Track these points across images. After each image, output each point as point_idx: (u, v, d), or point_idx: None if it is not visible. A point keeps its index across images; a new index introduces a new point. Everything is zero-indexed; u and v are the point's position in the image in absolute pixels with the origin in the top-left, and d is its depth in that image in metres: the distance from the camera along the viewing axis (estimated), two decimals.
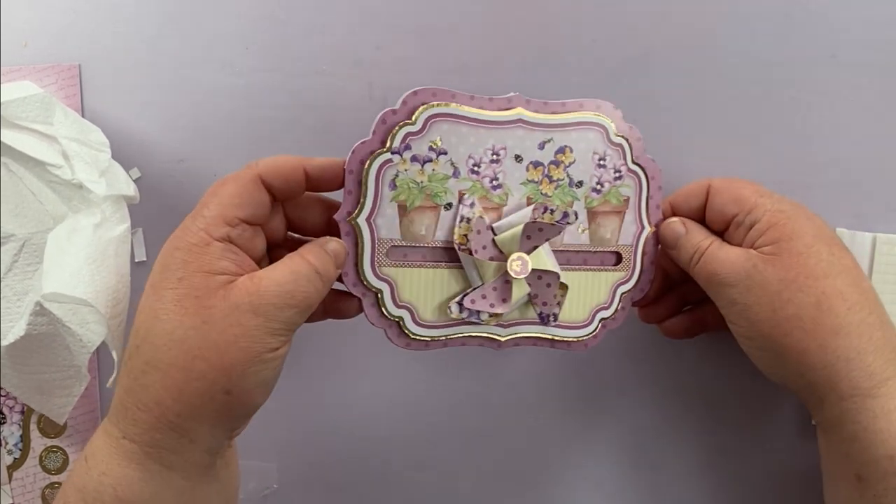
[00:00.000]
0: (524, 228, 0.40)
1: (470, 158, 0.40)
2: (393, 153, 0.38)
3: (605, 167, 0.42)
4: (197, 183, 0.50)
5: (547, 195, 0.41)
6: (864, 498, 0.39)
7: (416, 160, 0.39)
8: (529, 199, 0.41)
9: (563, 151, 0.41)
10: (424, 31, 0.49)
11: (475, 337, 0.42)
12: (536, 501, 0.53)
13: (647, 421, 0.52)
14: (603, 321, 0.44)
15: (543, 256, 0.41)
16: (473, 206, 0.40)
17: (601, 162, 0.42)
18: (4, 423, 0.51)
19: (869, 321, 0.39)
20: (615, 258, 0.44)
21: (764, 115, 0.49)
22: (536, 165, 0.41)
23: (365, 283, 0.39)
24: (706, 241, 0.42)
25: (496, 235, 0.41)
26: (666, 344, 0.50)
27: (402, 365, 0.51)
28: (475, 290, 0.41)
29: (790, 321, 0.39)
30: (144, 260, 0.50)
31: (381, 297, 0.39)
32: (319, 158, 0.38)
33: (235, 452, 0.40)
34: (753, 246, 0.41)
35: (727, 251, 0.41)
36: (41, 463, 0.51)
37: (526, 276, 0.40)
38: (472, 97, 0.39)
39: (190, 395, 0.34)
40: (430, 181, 0.39)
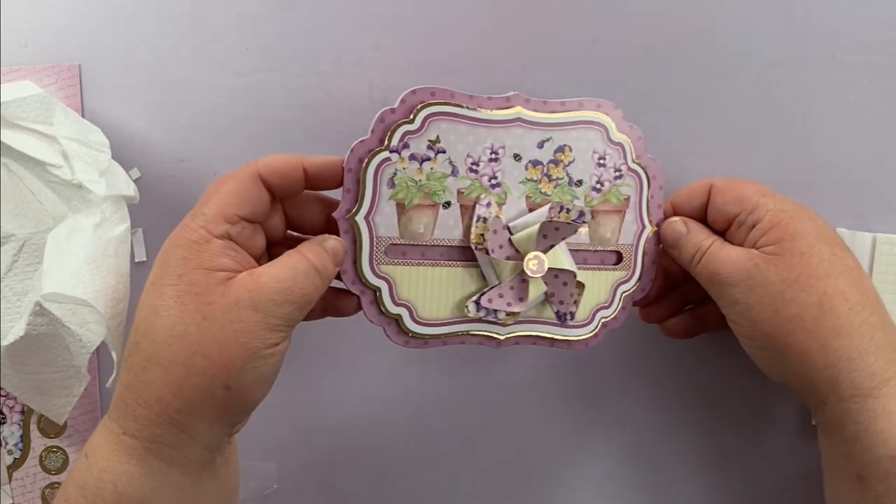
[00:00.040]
0: (540, 227, 0.40)
1: (468, 157, 0.40)
2: (391, 152, 0.38)
3: (605, 166, 0.42)
4: (197, 183, 0.50)
5: (546, 194, 0.41)
6: (865, 498, 0.39)
7: (414, 159, 0.39)
8: (528, 197, 0.41)
9: (562, 150, 0.41)
10: (424, 31, 0.49)
11: (474, 335, 0.42)
12: (536, 501, 0.52)
13: (647, 421, 0.52)
14: (604, 321, 0.44)
15: (560, 255, 0.41)
16: (490, 206, 0.40)
17: (601, 161, 0.42)
18: (4, 423, 0.51)
19: (871, 321, 0.39)
20: (615, 257, 0.44)
21: (764, 115, 0.49)
22: (535, 164, 0.41)
23: (363, 280, 0.39)
24: (708, 240, 0.42)
25: (512, 235, 0.41)
26: (666, 344, 0.50)
27: (402, 365, 0.51)
28: (492, 289, 0.41)
29: (792, 321, 0.39)
30: (144, 260, 0.50)
31: (379, 294, 0.40)
32: (318, 157, 0.38)
33: (235, 450, 0.40)
34: (755, 246, 0.41)
35: (729, 251, 0.41)
36: (41, 463, 0.51)
37: (542, 274, 0.40)
38: (470, 96, 0.40)
39: (190, 390, 0.34)
40: (428, 179, 0.39)
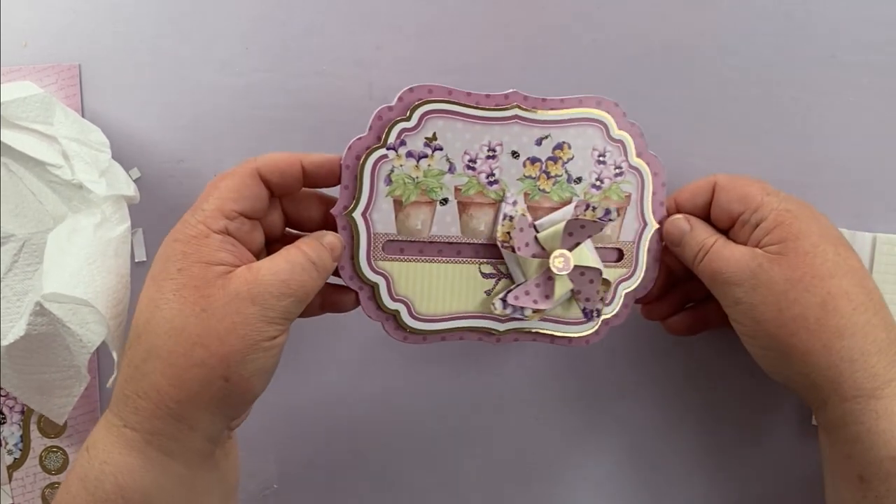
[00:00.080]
0: (566, 225, 0.40)
1: (466, 154, 0.40)
2: (388, 149, 0.39)
3: (604, 163, 0.42)
4: (197, 183, 0.50)
5: (544, 191, 0.41)
6: (866, 499, 0.38)
7: (411, 156, 0.39)
8: (527, 194, 0.41)
9: (560, 147, 0.41)
10: (424, 31, 0.49)
11: (473, 331, 0.42)
12: (536, 501, 0.52)
13: (647, 421, 0.52)
14: (605, 318, 0.44)
15: (586, 253, 0.41)
16: (516, 204, 0.41)
17: (601, 158, 0.42)
18: (4, 423, 0.51)
19: (874, 322, 0.39)
20: (616, 255, 0.44)
21: (764, 115, 0.49)
22: (534, 161, 0.41)
23: (361, 276, 0.39)
24: (711, 238, 0.42)
25: (538, 233, 0.41)
26: (666, 343, 0.50)
27: (401, 365, 0.51)
28: (519, 286, 0.41)
29: (795, 321, 0.39)
30: (144, 260, 0.50)
31: (377, 290, 0.40)
32: (316, 154, 0.39)
33: (236, 444, 0.40)
34: (759, 245, 0.41)
35: (732, 249, 0.41)
36: (41, 463, 0.51)
37: (568, 272, 0.40)
38: (468, 94, 0.40)
39: (189, 381, 0.34)
40: (425, 176, 0.40)
